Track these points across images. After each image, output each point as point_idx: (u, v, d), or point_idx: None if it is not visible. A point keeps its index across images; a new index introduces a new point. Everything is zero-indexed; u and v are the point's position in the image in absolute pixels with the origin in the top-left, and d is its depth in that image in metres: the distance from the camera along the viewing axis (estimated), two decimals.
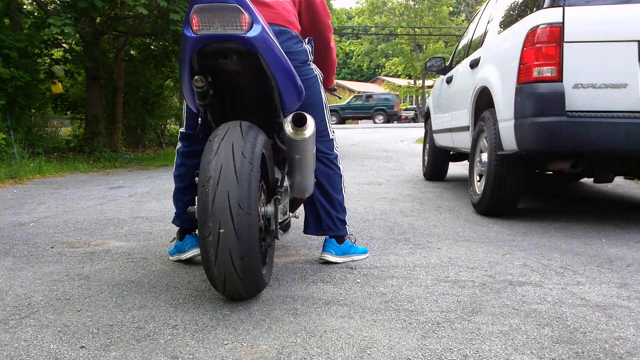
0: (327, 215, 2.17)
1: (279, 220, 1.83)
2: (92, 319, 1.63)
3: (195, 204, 1.72)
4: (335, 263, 2.23)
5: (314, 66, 2.10)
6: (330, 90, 2.55)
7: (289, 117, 1.81)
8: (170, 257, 2.34)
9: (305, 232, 2.25)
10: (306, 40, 2.08)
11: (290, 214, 2.08)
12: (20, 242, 2.74)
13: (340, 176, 2.22)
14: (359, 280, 2.00)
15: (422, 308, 1.70)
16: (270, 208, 1.78)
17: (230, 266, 1.56)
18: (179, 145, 2.17)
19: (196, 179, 1.70)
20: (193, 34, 1.57)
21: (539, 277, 2.04)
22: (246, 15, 1.56)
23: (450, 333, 1.49)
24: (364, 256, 2.33)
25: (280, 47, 1.72)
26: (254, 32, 1.57)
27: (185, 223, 2.22)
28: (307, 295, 1.84)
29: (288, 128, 1.80)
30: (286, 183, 1.95)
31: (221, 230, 1.51)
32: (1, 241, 2.77)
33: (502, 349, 1.39)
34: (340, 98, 2.84)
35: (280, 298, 1.80)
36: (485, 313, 1.65)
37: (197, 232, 2.06)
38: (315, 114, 2.02)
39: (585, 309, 1.69)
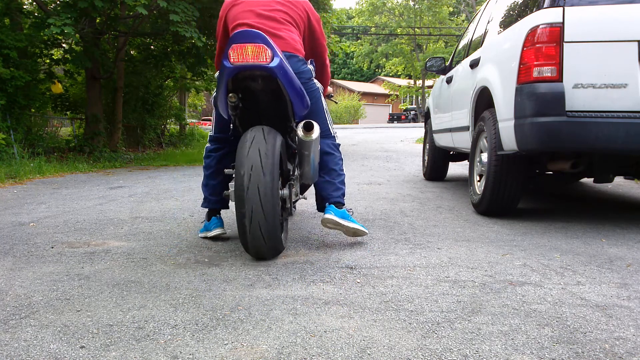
0: (329, 186, 2.59)
1: (292, 200, 2.46)
2: (92, 319, 1.63)
3: (226, 190, 2.42)
4: (339, 224, 2.48)
5: (316, 81, 2.63)
6: (328, 97, 3.04)
7: (301, 124, 2.35)
8: (199, 234, 2.82)
9: (318, 209, 2.68)
10: (309, 61, 2.61)
11: (300, 195, 2.68)
12: (20, 242, 2.73)
13: (341, 159, 2.69)
14: (359, 280, 2.00)
15: (422, 308, 1.70)
16: (286, 191, 2.36)
17: (261, 238, 2.14)
18: (208, 144, 2.74)
19: (226, 170, 2.41)
20: (230, 65, 2.11)
21: (539, 277, 2.04)
22: (269, 50, 2.11)
23: (450, 333, 1.49)
24: (364, 229, 2.59)
25: (292, 71, 2.26)
26: (274, 63, 2.11)
27: (212, 204, 2.73)
28: (307, 295, 1.84)
29: (300, 132, 2.35)
30: (297, 172, 2.51)
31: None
32: (1, 241, 2.77)
33: (502, 349, 1.39)
34: (337, 103, 3.23)
35: (280, 298, 1.80)
36: (485, 313, 1.65)
37: (220, 214, 2.79)
38: (318, 118, 2.55)
39: (585, 309, 1.69)
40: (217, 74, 2.43)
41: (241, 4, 2.51)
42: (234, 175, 2.23)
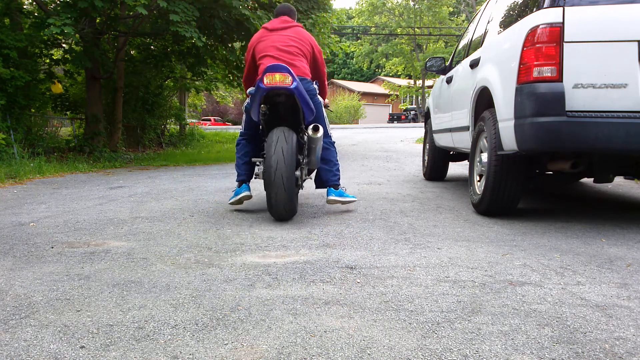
0: (329, 173, 3.56)
1: (302, 179, 3.41)
2: (92, 319, 1.63)
3: (252, 170, 3.53)
4: (338, 200, 3.50)
5: (319, 96, 3.57)
6: (326, 107, 3.86)
7: (311, 126, 3.27)
8: (229, 202, 3.66)
9: (316, 187, 3.67)
10: (314, 82, 3.55)
11: (307, 176, 3.56)
12: (20, 242, 2.74)
13: (336, 152, 3.64)
14: (359, 280, 2.00)
15: (422, 308, 1.70)
16: (298, 172, 3.26)
17: (283, 203, 3.07)
18: (239, 138, 3.67)
19: (253, 159, 3.45)
20: (264, 86, 3.07)
21: (539, 277, 2.04)
22: (290, 77, 3.07)
23: (450, 333, 1.49)
24: (354, 199, 3.64)
25: (304, 90, 3.22)
26: (294, 85, 3.08)
27: (243, 177, 3.57)
28: (307, 295, 1.84)
29: (310, 131, 3.27)
30: (305, 160, 3.42)
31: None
32: (1, 241, 2.77)
33: (502, 349, 1.39)
34: (331, 111, 4.09)
35: (280, 298, 1.80)
36: (485, 313, 1.65)
37: (249, 183, 3.63)
38: (320, 122, 3.41)
39: (585, 309, 1.69)
40: (249, 90, 3.42)
41: (266, 40, 3.43)
42: (258, 163, 3.40)
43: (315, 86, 3.53)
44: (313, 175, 3.74)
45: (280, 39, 3.39)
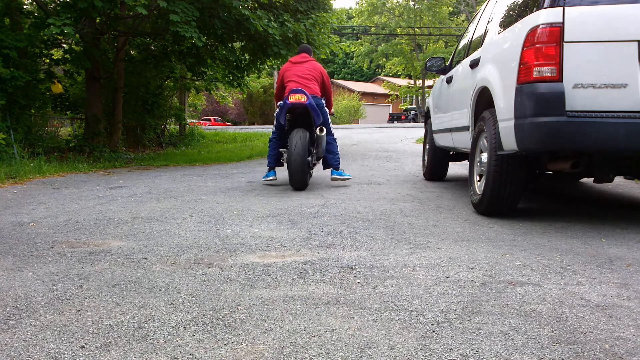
0: (332, 159, 5.08)
1: (312, 163, 5.04)
2: (92, 319, 1.63)
3: (280, 158, 5.15)
4: (338, 178, 5.01)
5: (325, 108, 5.11)
6: (331, 114, 5.33)
7: (318, 128, 4.85)
8: (262, 179, 5.38)
9: (324, 168, 5.27)
10: (322, 98, 5.10)
11: (316, 161, 5.19)
12: (20, 242, 2.74)
13: (337, 146, 5.15)
14: (359, 280, 2.00)
15: (422, 308, 1.70)
16: (309, 158, 4.76)
17: (299, 177, 4.63)
18: (271, 136, 5.19)
19: (280, 149, 5.08)
20: (289, 103, 4.67)
21: (539, 277, 2.04)
22: (305, 96, 4.66)
23: (450, 333, 1.49)
24: (349, 177, 5.19)
25: (315, 104, 4.78)
26: (308, 102, 4.67)
27: (272, 164, 5.14)
28: (307, 295, 1.84)
29: (318, 131, 4.86)
30: (314, 150, 4.97)
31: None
32: (1, 241, 2.77)
33: (502, 349, 1.39)
34: (335, 117, 5.22)
35: (280, 298, 1.80)
36: (485, 313, 1.65)
37: (276, 169, 5.30)
38: (326, 125, 5.00)
39: (585, 309, 1.69)
40: (279, 102, 4.96)
41: (291, 70, 5.02)
42: (283, 152, 4.95)
43: (323, 101, 5.09)
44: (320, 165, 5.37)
45: (301, 69, 5.03)
